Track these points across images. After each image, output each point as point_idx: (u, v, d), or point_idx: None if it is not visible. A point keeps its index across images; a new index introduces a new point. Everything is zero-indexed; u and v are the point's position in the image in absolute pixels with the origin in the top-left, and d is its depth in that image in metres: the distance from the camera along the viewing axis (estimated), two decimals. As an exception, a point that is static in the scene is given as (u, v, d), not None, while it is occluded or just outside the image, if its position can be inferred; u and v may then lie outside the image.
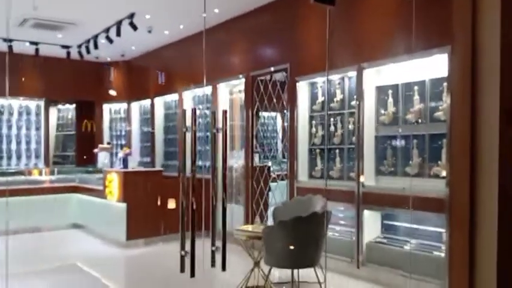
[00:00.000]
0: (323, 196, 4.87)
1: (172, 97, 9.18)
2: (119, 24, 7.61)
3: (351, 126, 5.73)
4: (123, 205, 7.23)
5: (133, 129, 10.44)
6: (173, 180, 7.98)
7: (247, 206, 7.09)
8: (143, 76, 9.99)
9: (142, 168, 8.43)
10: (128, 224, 7.19)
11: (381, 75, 5.48)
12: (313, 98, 6.32)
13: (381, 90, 5.45)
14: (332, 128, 6.03)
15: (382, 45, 5.25)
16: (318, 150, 6.22)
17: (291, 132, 6.38)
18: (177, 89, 8.81)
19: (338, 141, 5.94)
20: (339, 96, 5.94)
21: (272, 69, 6.69)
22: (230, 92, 7.82)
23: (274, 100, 6.80)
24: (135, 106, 10.44)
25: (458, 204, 2.04)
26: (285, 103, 6.60)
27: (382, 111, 5.40)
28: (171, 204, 6.62)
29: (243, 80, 7.21)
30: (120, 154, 7.60)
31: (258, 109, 7.14)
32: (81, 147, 10.54)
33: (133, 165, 9.95)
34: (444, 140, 4.77)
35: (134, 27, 7.29)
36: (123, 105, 10.71)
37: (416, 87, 5.07)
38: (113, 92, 10.44)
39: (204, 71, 6.19)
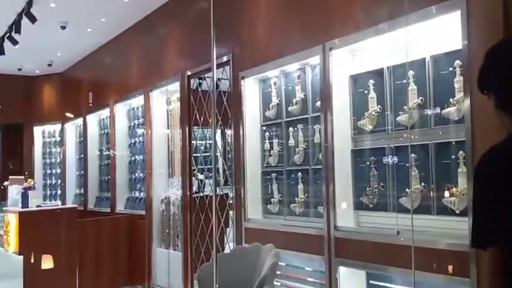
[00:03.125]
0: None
1: (108, 113, 7.32)
2: (19, 17, 5.80)
3: (317, 138, 3.87)
4: (20, 258, 5.29)
5: (69, 155, 8.53)
6: (97, 220, 6.06)
7: (185, 252, 5.15)
8: (76, 90, 8.16)
9: (49, 206, 6.51)
10: (26, 283, 5.23)
11: (357, 58, 3.65)
12: (265, 101, 4.47)
13: (358, 81, 3.62)
14: (291, 141, 4.16)
15: (356, 10, 3.43)
16: (274, 175, 4.34)
17: (235, 150, 4.51)
18: (108, 102, 6.96)
19: (300, 159, 4.07)
20: (299, 95, 4.09)
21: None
22: (168, 102, 5.97)
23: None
24: (70, 127, 8.56)
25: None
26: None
27: (362, 113, 3.55)
28: (47, 262, 4.69)
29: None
30: (17, 189, 5.69)
31: (198, 123, 5.29)
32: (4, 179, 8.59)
33: (69, 198, 8.07)
34: (461, 152, 2.91)
35: (32, 18, 5.48)
36: (58, 127, 8.84)
37: (411, 72, 3.24)
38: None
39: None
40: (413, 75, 3.23)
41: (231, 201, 4.74)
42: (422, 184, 3.16)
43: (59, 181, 8.70)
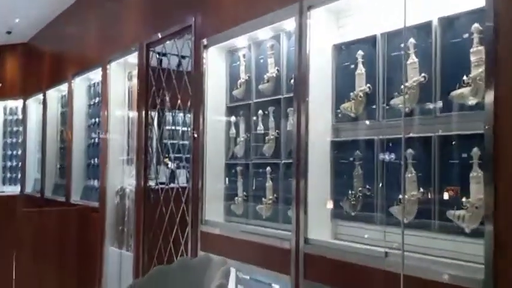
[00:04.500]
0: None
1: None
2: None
3: (291, 124, 3.06)
4: None
5: (31, 135, 7.70)
6: (41, 212, 5.27)
7: (137, 254, 4.36)
8: (39, 62, 7.31)
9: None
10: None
11: (343, 21, 2.83)
12: (233, 77, 3.65)
13: (344, 52, 2.80)
14: (260, 127, 3.36)
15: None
16: (239, 168, 3.54)
17: (194, 137, 3.70)
18: (67, 76, 6.11)
19: (269, 151, 3.27)
20: (271, 71, 3.27)
21: (173, 30, 4.00)
22: (129, 77, 5.14)
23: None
24: (33, 103, 7.71)
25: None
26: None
27: (347, 94, 2.74)
28: None
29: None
30: None
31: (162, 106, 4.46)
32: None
33: (29, 183, 7.28)
34: (475, 149, 2.11)
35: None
36: (21, 103, 7.99)
37: (412, 40, 2.43)
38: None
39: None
40: (415, 44, 2.42)
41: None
42: (421, 190, 2.37)
43: (20, 163, 7.89)
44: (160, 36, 4.16)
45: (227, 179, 3.63)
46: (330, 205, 2.79)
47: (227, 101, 3.67)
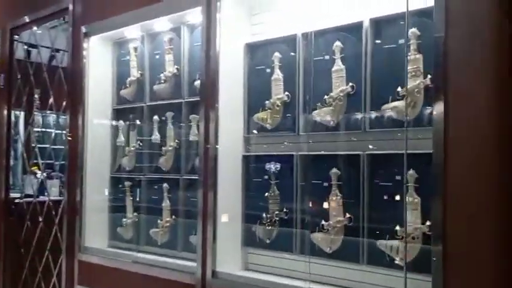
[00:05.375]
0: None
1: None
2: None
3: (194, 134, 2.60)
4: None
5: None
6: None
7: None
8: None
9: None
10: None
11: (258, 18, 2.45)
12: (121, 74, 3.07)
13: (258, 52, 2.41)
14: (156, 136, 2.84)
15: None
16: (128, 183, 2.98)
17: (70, 145, 3.04)
18: None
19: (167, 164, 2.77)
20: (170, 69, 2.77)
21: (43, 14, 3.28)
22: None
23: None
24: None
25: None
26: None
27: (262, 102, 2.35)
28: None
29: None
30: None
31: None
32: None
33: None
34: (411, 171, 1.85)
35: None
36: None
37: (338, 43, 2.11)
38: None
39: None
40: (341, 48, 2.11)
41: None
42: (348, 216, 2.08)
43: None
44: (28, 20, 3.39)
45: (113, 196, 3.05)
46: (241, 230, 2.39)
47: (113, 102, 3.09)
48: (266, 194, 2.31)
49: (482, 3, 1.74)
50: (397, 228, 1.91)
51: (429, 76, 1.82)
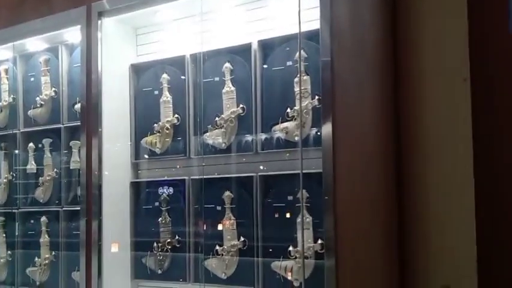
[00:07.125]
0: None
1: None
2: None
3: (76, 162, 2.39)
4: None
5: None
6: None
7: None
8: None
9: None
10: None
11: (144, 39, 2.36)
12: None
13: (145, 74, 2.31)
14: (32, 166, 2.57)
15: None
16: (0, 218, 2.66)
17: None
18: None
19: (45, 196, 2.51)
20: (47, 92, 2.54)
21: None
22: None
23: None
24: None
25: None
26: None
27: (149, 126, 2.25)
28: None
29: None
30: None
31: None
32: None
33: None
34: (304, 191, 1.87)
35: None
36: None
37: (227, 64, 2.10)
38: None
39: None
40: (231, 70, 2.11)
41: None
42: (242, 239, 2.04)
43: None
44: None
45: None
46: (130, 261, 2.24)
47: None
48: (158, 220, 2.20)
49: (364, 24, 1.85)
50: (290, 248, 1.91)
51: (317, 97, 1.87)
